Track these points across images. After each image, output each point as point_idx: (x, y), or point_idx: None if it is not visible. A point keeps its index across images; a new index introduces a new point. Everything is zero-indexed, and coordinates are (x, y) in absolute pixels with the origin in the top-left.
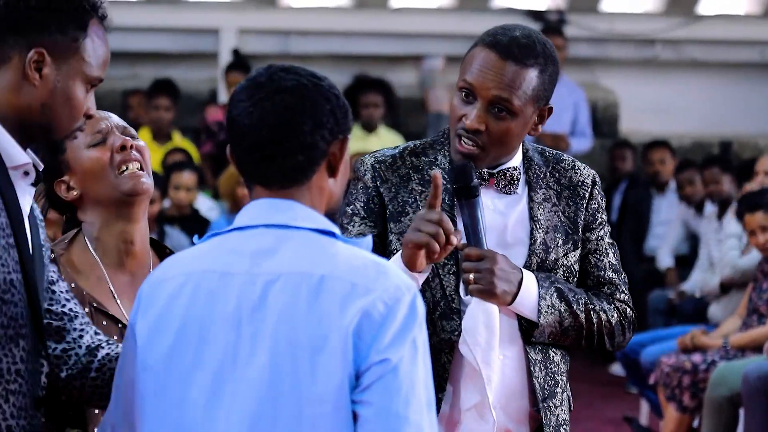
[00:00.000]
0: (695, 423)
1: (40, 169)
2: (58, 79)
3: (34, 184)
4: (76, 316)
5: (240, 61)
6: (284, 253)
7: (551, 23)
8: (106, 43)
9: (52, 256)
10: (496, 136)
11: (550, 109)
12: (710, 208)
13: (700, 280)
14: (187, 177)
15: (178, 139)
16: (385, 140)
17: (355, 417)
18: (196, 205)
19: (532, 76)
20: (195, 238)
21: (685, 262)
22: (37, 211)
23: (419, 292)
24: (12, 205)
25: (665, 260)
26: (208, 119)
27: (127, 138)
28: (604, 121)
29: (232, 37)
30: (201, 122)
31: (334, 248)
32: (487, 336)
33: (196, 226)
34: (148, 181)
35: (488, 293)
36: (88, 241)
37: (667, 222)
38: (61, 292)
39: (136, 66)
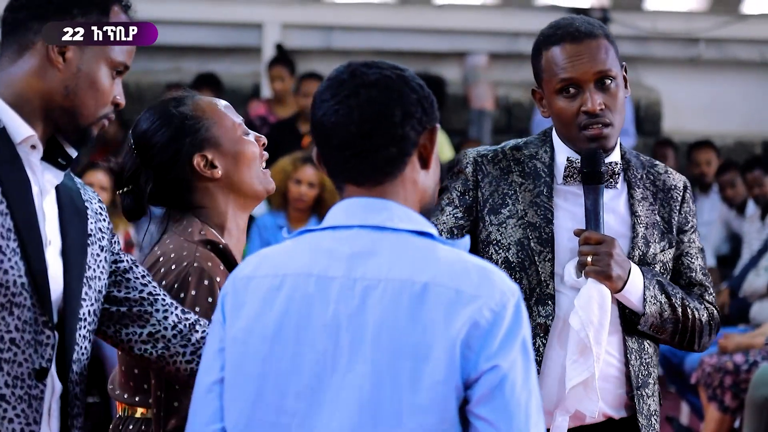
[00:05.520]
0: (737, 423)
1: (73, 157)
2: (81, 63)
3: (63, 168)
4: (156, 300)
5: (283, 56)
6: (383, 257)
7: None
8: None
9: (117, 247)
10: (614, 106)
11: (626, 68)
12: (753, 209)
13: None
14: None
15: None
16: None
17: (468, 425)
18: None
19: (606, 43)
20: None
21: (726, 262)
22: (93, 202)
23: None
24: (9, 177)
25: (707, 260)
26: (251, 114)
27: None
28: (646, 119)
29: (275, 31)
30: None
31: (434, 252)
32: (600, 316)
33: None
34: None
35: (604, 275)
36: (213, 229)
37: (708, 223)
38: (137, 278)
39: (180, 60)
